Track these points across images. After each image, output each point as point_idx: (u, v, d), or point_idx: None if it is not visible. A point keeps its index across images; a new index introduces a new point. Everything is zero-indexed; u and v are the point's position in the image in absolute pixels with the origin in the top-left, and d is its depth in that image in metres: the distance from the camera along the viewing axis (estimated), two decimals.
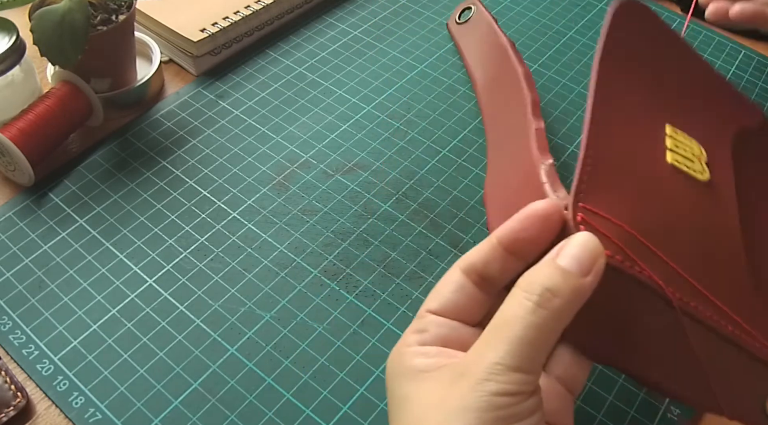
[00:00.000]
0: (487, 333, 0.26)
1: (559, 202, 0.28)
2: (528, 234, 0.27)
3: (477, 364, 0.25)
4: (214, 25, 0.54)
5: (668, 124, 0.34)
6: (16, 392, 0.35)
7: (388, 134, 0.51)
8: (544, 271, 0.26)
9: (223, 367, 0.37)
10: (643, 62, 0.36)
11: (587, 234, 0.26)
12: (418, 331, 0.28)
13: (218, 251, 0.43)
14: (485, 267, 0.28)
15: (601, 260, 0.26)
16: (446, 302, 0.28)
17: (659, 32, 0.38)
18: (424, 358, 0.27)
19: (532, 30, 0.62)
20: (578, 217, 0.27)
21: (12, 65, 0.46)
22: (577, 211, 0.27)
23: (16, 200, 0.45)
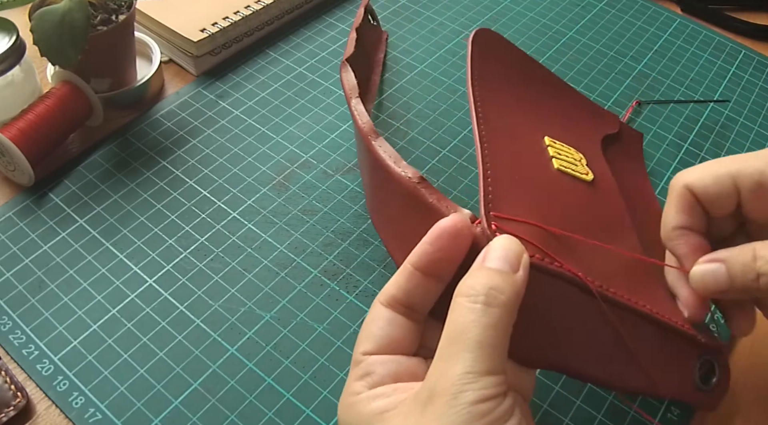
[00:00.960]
0: (443, 348, 0.25)
1: (463, 216, 0.28)
2: (443, 253, 0.28)
3: (445, 380, 0.24)
4: (214, 25, 0.54)
5: (546, 136, 0.37)
6: (16, 392, 0.35)
7: (388, 134, 0.51)
8: (480, 275, 0.26)
9: (223, 367, 0.37)
10: (511, 83, 0.39)
11: (506, 236, 0.27)
12: (362, 377, 0.28)
13: (218, 251, 0.43)
14: (407, 296, 0.28)
15: (526, 257, 0.27)
16: (380, 339, 0.28)
17: (519, 57, 0.42)
18: (383, 399, 0.26)
19: (532, 30, 0.62)
20: (492, 225, 0.28)
21: (12, 65, 0.46)
22: (490, 219, 0.28)
23: (16, 200, 0.45)
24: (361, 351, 0.28)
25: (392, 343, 0.28)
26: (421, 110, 0.53)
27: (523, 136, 0.36)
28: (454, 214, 0.29)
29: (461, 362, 0.24)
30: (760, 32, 0.65)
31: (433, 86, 0.55)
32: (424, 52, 0.58)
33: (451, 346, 0.25)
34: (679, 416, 0.37)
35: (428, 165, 0.48)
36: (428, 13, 0.63)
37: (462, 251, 0.28)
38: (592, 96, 0.56)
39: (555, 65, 0.58)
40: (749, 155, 0.33)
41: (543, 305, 0.29)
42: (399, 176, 0.32)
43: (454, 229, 0.28)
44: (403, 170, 0.32)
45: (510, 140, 0.34)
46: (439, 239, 0.28)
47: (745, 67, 0.61)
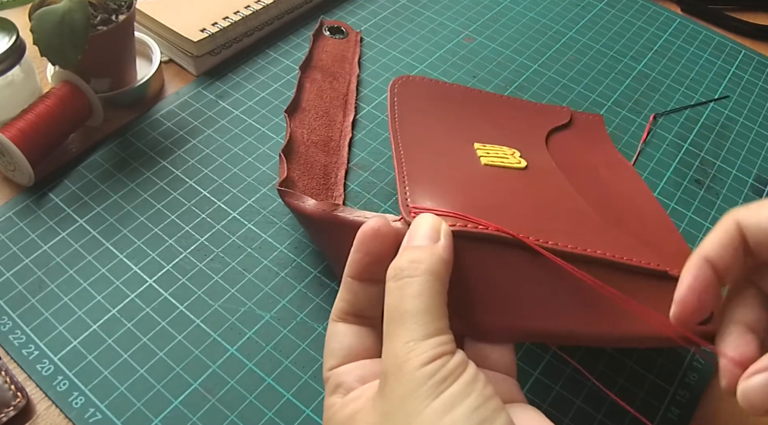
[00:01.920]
0: (385, 331, 0.26)
1: (382, 217, 0.30)
2: (371, 257, 0.29)
3: (390, 358, 0.25)
4: (214, 25, 0.54)
5: (475, 142, 0.41)
6: (16, 392, 0.35)
7: (389, 133, 0.51)
8: (401, 255, 0.28)
9: (223, 367, 0.37)
10: (431, 110, 0.44)
11: (422, 215, 0.29)
12: (333, 391, 0.28)
13: (218, 251, 0.43)
14: (353, 306, 0.29)
15: (445, 225, 0.28)
16: (340, 352, 0.29)
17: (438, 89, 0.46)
18: (355, 403, 0.27)
19: (532, 30, 0.62)
20: (411, 214, 0.31)
21: (12, 65, 0.46)
22: (408, 210, 0.31)
23: (16, 200, 0.45)
24: (328, 368, 0.29)
25: (353, 352, 0.29)
26: None
27: (448, 147, 0.40)
28: (374, 216, 0.30)
29: (400, 336, 0.25)
30: (760, 32, 0.65)
31: None
32: (424, 52, 0.58)
33: (389, 326, 0.26)
34: (679, 416, 0.37)
35: None
36: (428, 13, 0.63)
37: (388, 250, 0.29)
38: (592, 96, 0.56)
39: (555, 65, 0.58)
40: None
41: (481, 272, 0.30)
42: (314, 211, 0.36)
43: (374, 230, 0.29)
44: (316, 207, 0.36)
45: (430, 153, 0.38)
46: (363, 244, 0.29)
47: (745, 67, 0.61)
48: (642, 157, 0.51)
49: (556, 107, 0.51)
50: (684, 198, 0.49)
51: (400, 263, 0.27)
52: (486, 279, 0.30)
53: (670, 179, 0.50)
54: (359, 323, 0.29)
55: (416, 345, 0.24)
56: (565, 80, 0.57)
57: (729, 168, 0.51)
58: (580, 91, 0.56)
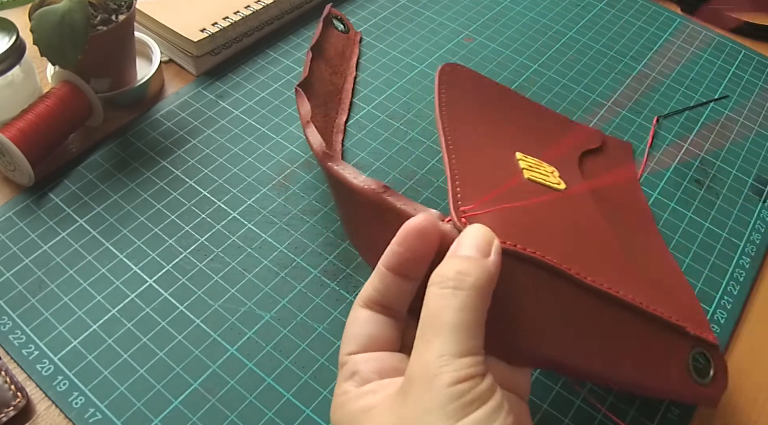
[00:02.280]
0: (418, 336, 0.26)
1: (430, 215, 0.29)
2: (412, 253, 0.28)
3: (421, 366, 0.25)
4: (214, 25, 0.54)
5: (517, 152, 0.39)
6: (16, 392, 0.35)
7: (388, 134, 0.51)
8: (449, 263, 0.27)
9: (223, 367, 0.37)
10: (479, 108, 0.42)
11: (476, 225, 0.28)
12: (348, 377, 0.28)
13: (218, 251, 0.43)
14: (382, 296, 0.29)
15: (497, 242, 0.28)
16: (361, 338, 0.28)
17: (487, 85, 0.44)
18: (370, 396, 0.26)
19: (532, 30, 0.62)
20: (462, 219, 0.29)
21: (12, 65, 0.46)
22: (460, 214, 0.30)
23: (16, 200, 0.45)
24: (346, 352, 0.29)
25: (373, 341, 0.28)
26: (421, 110, 0.53)
27: (492, 150, 0.38)
28: (420, 214, 0.29)
29: (435, 346, 0.25)
30: (760, 32, 0.65)
31: (433, 86, 0.55)
32: (424, 52, 0.58)
33: (425, 333, 0.25)
34: (679, 416, 0.37)
35: (428, 165, 0.48)
36: (428, 13, 0.63)
37: (430, 250, 0.28)
38: (592, 96, 0.56)
39: (555, 65, 0.58)
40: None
41: (522, 295, 0.29)
42: (362, 189, 0.33)
43: (420, 228, 0.28)
44: (365, 184, 0.33)
45: (477, 153, 0.37)
46: (406, 240, 0.28)
47: (745, 67, 0.61)
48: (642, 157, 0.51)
49: (586, 126, 0.49)
50: (684, 198, 0.49)
51: (447, 272, 0.26)
52: (523, 302, 0.29)
53: (670, 179, 0.50)
54: (385, 313, 0.29)
55: (450, 361, 0.24)
56: (565, 80, 0.57)
57: (729, 168, 0.51)
58: (580, 91, 0.56)
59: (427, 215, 0.29)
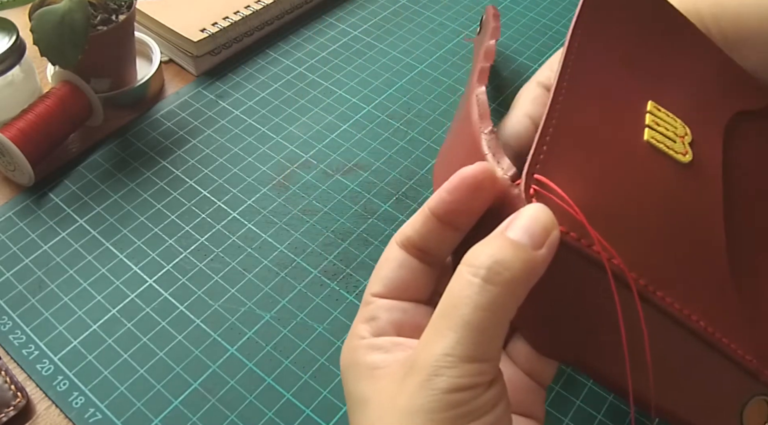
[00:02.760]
0: (435, 318, 0.23)
1: (488, 164, 0.26)
2: (460, 204, 0.25)
3: (425, 357, 0.22)
4: (214, 25, 0.54)
5: (651, 100, 0.32)
6: (16, 392, 0.35)
7: (388, 134, 0.51)
8: (491, 244, 0.23)
9: (223, 367, 0.37)
10: (628, 34, 0.34)
11: (539, 206, 0.24)
12: (367, 320, 0.26)
13: (218, 251, 0.43)
14: (422, 240, 0.26)
15: (555, 233, 0.23)
16: (389, 282, 0.26)
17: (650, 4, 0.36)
18: (380, 353, 0.25)
19: (532, 30, 0.62)
20: (531, 189, 0.24)
21: (12, 65, 0.46)
22: (531, 183, 0.25)
23: (16, 200, 0.45)
24: (371, 292, 0.27)
25: (402, 286, 0.26)
26: (421, 110, 0.53)
27: (621, 96, 0.31)
28: (479, 163, 0.26)
29: (444, 340, 0.22)
30: None
31: (433, 86, 0.55)
32: (424, 52, 0.58)
33: (440, 319, 0.23)
34: None
35: (428, 165, 0.48)
36: (428, 13, 0.63)
37: (482, 204, 0.26)
38: None
39: None
40: None
41: (572, 291, 0.25)
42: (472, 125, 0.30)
43: (474, 180, 0.25)
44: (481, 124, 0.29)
45: (600, 97, 0.30)
46: (457, 190, 0.25)
47: None
48: None
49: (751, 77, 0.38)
50: None
51: (483, 258, 0.23)
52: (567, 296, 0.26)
53: None
54: (421, 258, 0.27)
55: (455, 364, 0.22)
56: None
57: None
58: None
59: (484, 166, 0.25)
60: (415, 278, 0.26)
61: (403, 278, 0.26)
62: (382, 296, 0.26)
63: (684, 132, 0.32)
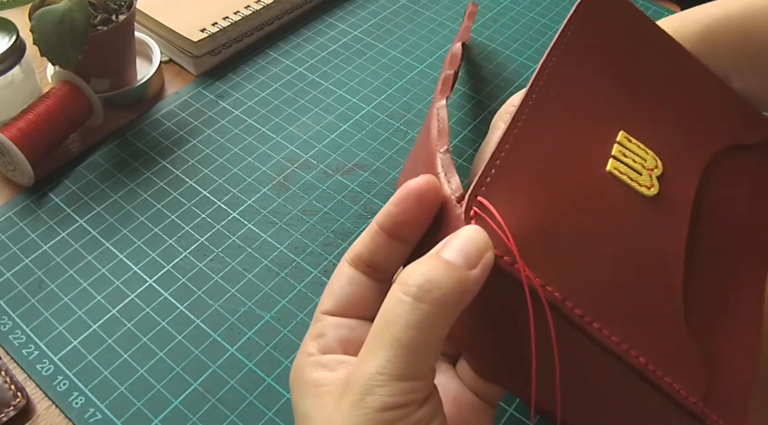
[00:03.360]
0: (369, 336, 0.23)
1: (432, 177, 0.26)
2: (405, 215, 0.26)
3: (358, 375, 0.22)
4: (214, 25, 0.54)
5: (623, 130, 0.31)
6: (16, 392, 0.35)
7: (388, 134, 0.51)
8: (425, 263, 0.23)
9: (223, 367, 0.37)
10: (613, 57, 0.33)
11: (476, 227, 0.24)
12: (316, 337, 0.26)
13: (218, 251, 0.43)
14: (371, 255, 0.26)
15: (489, 255, 0.23)
16: (339, 298, 0.27)
17: (640, 29, 0.35)
18: (325, 371, 0.25)
19: (532, 30, 0.62)
20: (471, 211, 0.24)
21: (12, 65, 0.46)
22: (472, 204, 0.24)
23: (16, 200, 0.45)
24: (321, 310, 0.27)
25: (350, 304, 0.27)
26: (421, 110, 0.53)
27: (590, 122, 0.30)
28: (422, 176, 0.26)
29: (375, 359, 0.22)
30: None
31: (433, 86, 0.55)
32: (424, 52, 0.58)
33: (373, 338, 0.23)
34: None
35: None
36: (428, 13, 0.63)
37: (428, 216, 0.26)
38: None
39: None
40: None
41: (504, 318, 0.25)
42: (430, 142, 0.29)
43: (419, 192, 0.26)
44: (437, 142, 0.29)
45: (565, 121, 0.29)
46: (403, 201, 0.26)
47: None
48: None
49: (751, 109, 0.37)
50: None
51: (415, 277, 0.23)
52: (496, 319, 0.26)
53: None
54: (370, 274, 0.27)
55: (386, 382, 0.22)
56: None
57: None
58: None
59: (429, 178, 0.26)
60: (363, 296, 0.27)
61: (351, 295, 0.27)
62: (331, 314, 0.27)
63: (654, 165, 0.31)
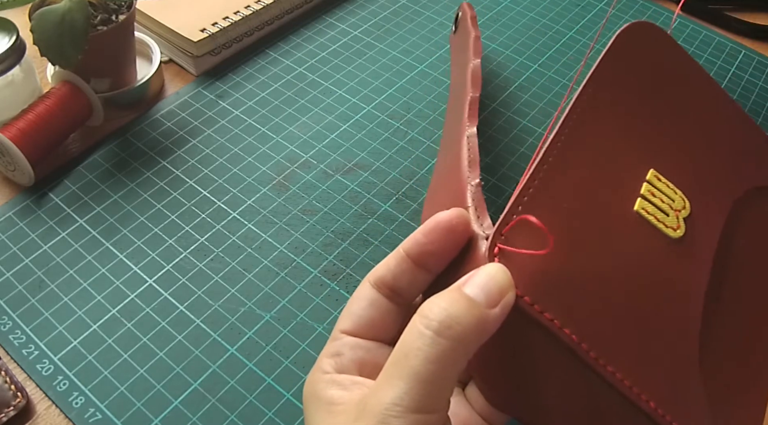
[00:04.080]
0: (387, 364, 0.24)
1: (462, 211, 0.27)
2: (432, 246, 0.26)
3: (374, 403, 0.23)
4: (214, 25, 0.54)
5: (653, 168, 0.31)
6: (16, 392, 0.35)
7: (388, 134, 0.51)
8: (446, 297, 0.24)
9: (223, 367, 0.37)
10: (647, 92, 0.33)
11: (499, 266, 0.24)
12: (332, 355, 0.27)
13: (218, 251, 0.43)
14: (394, 280, 0.27)
15: (511, 295, 0.24)
16: (359, 319, 0.27)
17: (677, 62, 0.35)
18: (339, 389, 0.25)
19: (532, 30, 0.62)
20: (495, 248, 0.24)
21: (12, 65, 0.46)
22: (497, 241, 0.25)
23: (16, 200, 0.45)
24: (340, 329, 0.27)
25: (369, 325, 0.27)
26: (421, 110, 0.53)
27: (621, 159, 0.30)
28: (454, 209, 0.27)
29: (393, 390, 0.22)
30: (760, 32, 0.65)
31: (433, 86, 0.55)
32: (424, 52, 0.58)
33: (392, 367, 0.23)
34: None
35: (428, 165, 0.48)
36: (428, 13, 0.63)
37: (455, 249, 0.27)
38: None
39: (555, 65, 0.58)
40: None
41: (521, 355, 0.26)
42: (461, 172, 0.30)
43: (448, 225, 0.26)
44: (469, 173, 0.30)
45: (598, 158, 0.29)
46: (432, 232, 0.26)
47: (745, 67, 0.61)
48: None
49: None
50: None
51: (437, 311, 0.23)
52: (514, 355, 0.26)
53: None
54: (391, 298, 0.27)
55: (403, 414, 0.22)
56: (565, 80, 0.57)
57: None
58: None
59: (460, 212, 0.27)
60: (382, 318, 0.27)
61: (370, 317, 0.27)
62: (350, 334, 0.27)
63: (682, 205, 0.31)
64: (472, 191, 0.29)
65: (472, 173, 0.30)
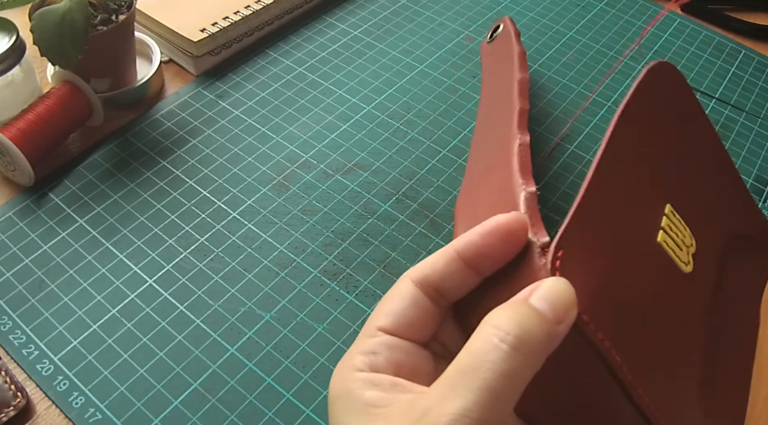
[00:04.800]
0: (454, 373, 0.23)
1: (523, 216, 0.27)
2: (490, 249, 0.26)
3: (440, 411, 0.22)
4: (214, 25, 0.54)
5: (669, 204, 0.32)
6: (16, 392, 0.35)
7: (388, 134, 0.51)
8: (517, 310, 0.23)
9: (223, 367, 0.37)
10: (663, 131, 0.34)
11: (564, 281, 0.24)
12: (367, 353, 0.25)
13: (218, 251, 0.43)
14: (441, 280, 0.26)
15: (574, 313, 0.24)
16: (400, 319, 0.26)
17: (686, 105, 0.36)
18: (377, 391, 0.24)
19: (532, 30, 0.62)
20: (557, 262, 0.25)
21: (12, 65, 0.46)
22: (556, 258, 0.25)
23: (16, 200, 0.45)
24: (377, 326, 0.26)
25: (410, 325, 0.26)
26: (421, 110, 0.53)
27: (646, 192, 0.31)
28: (515, 213, 0.26)
29: (461, 400, 0.22)
30: (760, 32, 0.65)
31: (433, 86, 0.55)
32: (424, 52, 0.58)
33: (460, 376, 0.23)
34: None
35: (428, 165, 0.49)
36: (428, 13, 0.63)
37: (510, 254, 0.26)
38: (592, 96, 0.56)
39: (555, 65, 0.58)
40: None
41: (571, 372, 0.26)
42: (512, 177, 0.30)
43: (508, 229, 0.26)
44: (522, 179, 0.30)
45: (628, 188, 0.30)
46: (491, 235, 0.26)
47: (745, 67, 0.61)
48: None
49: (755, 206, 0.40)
50: None
51: (512, 325, 0.23)
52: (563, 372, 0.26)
53: None
54: (433, 298, 0.26)
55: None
56: (565, 80, 0.57)
57: None
58: (580, 91, 0.56)
59: (520, 216, 0.26)
60: (423, 319, 0.26)
61: (412, 317, 0.26)
62: (388, 332, 0.26)
63: (690, 242, 0.32)
64: (526, 199, 0.29)
65: (526, 179, 0.30)
